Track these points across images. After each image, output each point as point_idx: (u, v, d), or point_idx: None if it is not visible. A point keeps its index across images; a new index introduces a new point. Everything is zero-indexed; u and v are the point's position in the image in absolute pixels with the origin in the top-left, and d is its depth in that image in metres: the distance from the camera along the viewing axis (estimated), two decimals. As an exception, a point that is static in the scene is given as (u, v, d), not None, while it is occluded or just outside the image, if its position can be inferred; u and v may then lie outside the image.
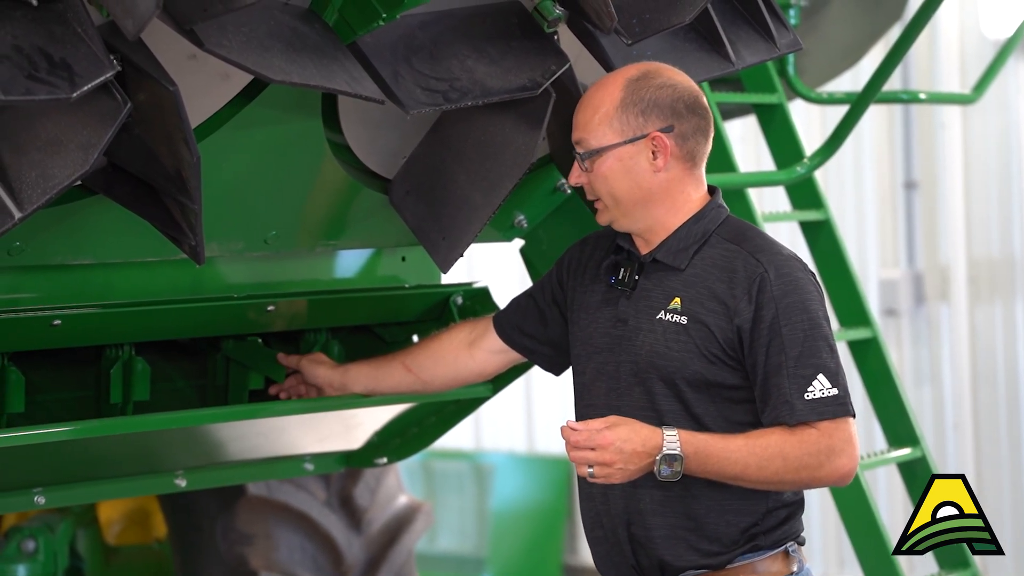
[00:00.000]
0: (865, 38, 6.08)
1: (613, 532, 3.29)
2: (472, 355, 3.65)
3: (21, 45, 2.62)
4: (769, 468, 3.13)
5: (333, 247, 3.90)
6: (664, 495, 3.22)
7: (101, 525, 5.78)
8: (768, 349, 3.16)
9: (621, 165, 3.24)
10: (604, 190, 3.27)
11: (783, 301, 3.18)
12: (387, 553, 5.45)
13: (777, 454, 3.13)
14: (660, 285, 3.27)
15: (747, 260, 3.22)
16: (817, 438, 3.14)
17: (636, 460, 3.09)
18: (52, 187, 2.71)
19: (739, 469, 3.13)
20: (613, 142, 3.23)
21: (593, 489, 3.31)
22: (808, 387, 3.14)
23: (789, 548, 3.27)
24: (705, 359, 3.19)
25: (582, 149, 3.27)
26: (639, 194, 3.26)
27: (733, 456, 3.12)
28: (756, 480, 3.15)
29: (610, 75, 3.30)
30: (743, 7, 3.56)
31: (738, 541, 3.23)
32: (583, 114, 3.27)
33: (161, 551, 5.80)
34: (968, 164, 8.85)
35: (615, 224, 3.32)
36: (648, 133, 3.23)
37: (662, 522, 3.23)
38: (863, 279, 7.82)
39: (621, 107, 3.23)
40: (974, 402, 8.87)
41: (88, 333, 3.62)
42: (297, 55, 2.90)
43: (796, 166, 4.94)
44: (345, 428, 4.29)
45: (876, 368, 5.05)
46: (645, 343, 3.24)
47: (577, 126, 3.28)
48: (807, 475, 3.16)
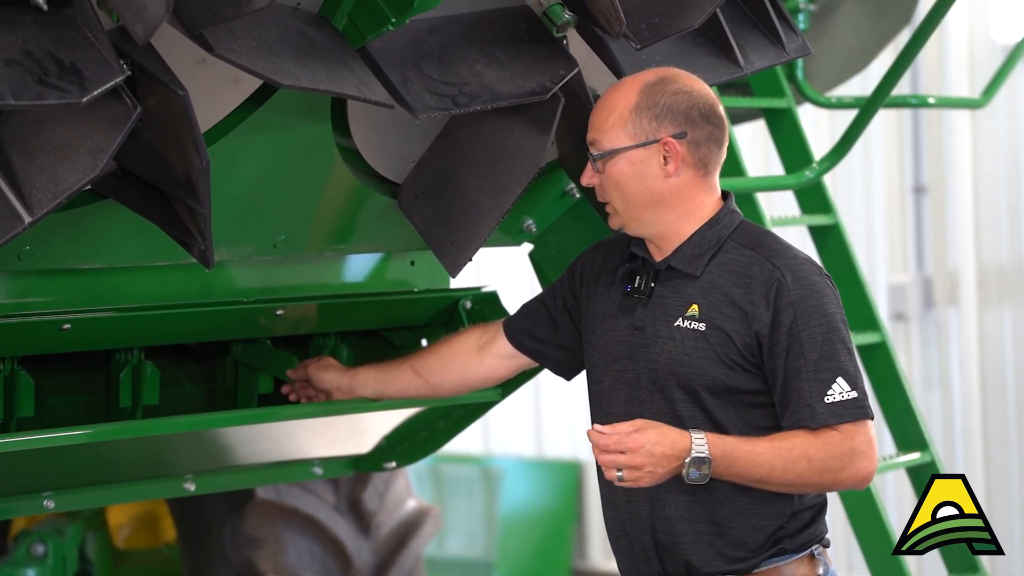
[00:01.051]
0: (874, 42, 6.08)
1: (638, 539, 3.29)
2: (482, 360, 3.65)
3: (31, 50, 2.62)
4: (794, 470, 3.13)
5: (342, 251, 3.90)
6: (690, 500, 3.22)
7: (110, 529, 5.78)
8: (787, 353, 3.17)
9: (632, 168, 3.24)
10: (614, 193, 3.27)
11: (801, 305, 3.18)
12: (396, 557, 5.44)
13: (802, 456, 3.13)
14: (676, 292, 3.27)
15: (763, 265, 3.23)
16: (840, 440, 3.15)
17: (665, 463, 3.08)
18: (62, 191, 2.71)
19: (765, 472, 3.13)
20: (625, 145, 3.24)
21: (617, 497, 3.31)
22: (828, 390, 3.15)
23: (814, 551, 3.28)
24: (725, 365, 3.20)
25: (595, 150, 3.27)
26: (648, 198, 3.26)
27: (759, 459, 3.13)
28: (781, 483, 3.15)
29: (628, 78, 3.30)
30: (752, 11, 3.56)
31: (764, 545, 3.23)
32: (598, 115, 3.28)
33: (170, 555, 5.80)
34: (977, 168, 8.84)
35: (626, 228, 3.32)
36: (660, 138, 3.23)
37: (688, 527, 3.23)
38: (872, 283, 7.82)
39: (635, 111, 3.23)
40: (983, 407, 8.85)
41: (98, 337, 3.62)
42: (306, 60, 2.91)
43: (805, 170, 4.94)
44: (354, 432, 4.29)
45: (885, 372, 5.04)
46: (664, 350, 3.24)
47: (592, 127, 3.29)
48: (830, 478, 3.16)
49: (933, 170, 9.05)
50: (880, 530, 4.75)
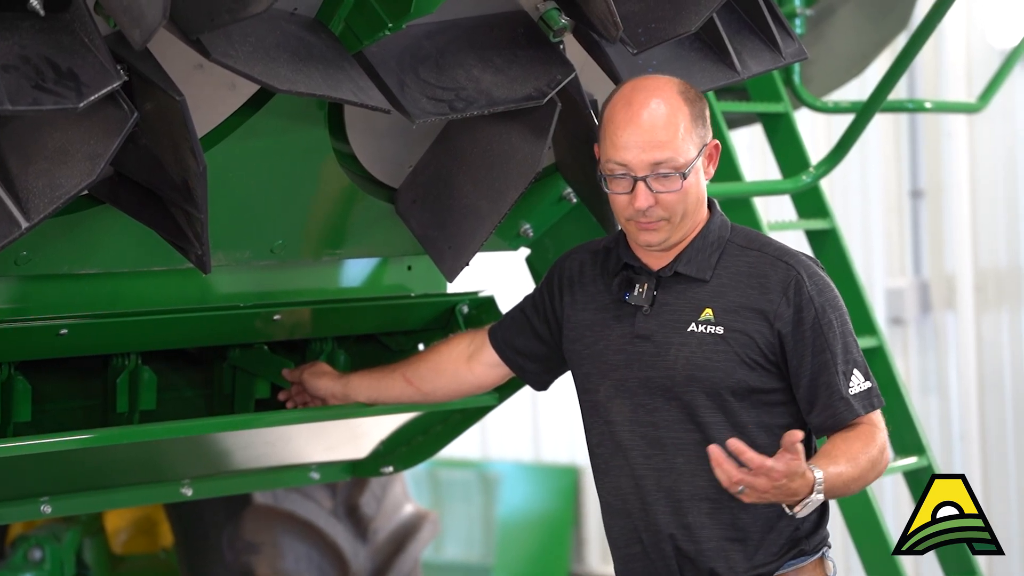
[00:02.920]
0: (871, 47, 6.08)
1: (656, 547, 3.27)
2: (471, 368, 3.64)
3: (28, 55, 2.62)
4: (866, 478, 3.17)
5: (339, 256, 3.90)
6: (712, 507, 3.22)
7: (108, 534, 5.78)
8: (813, 348, 3.19)
9: (696, 178, 3.22)
10: (682, 206, 3.21)
11: (819, 300, 3.21)
12: (393, 562, 5.45)
13: (867, 460, 3.16)
14: (684, 297, 3.26)
15: (775, 264, 3.24)
16: (874, 432, 3.20)
17: (785, 496, 3.05)
18: (59, 197, 2.71)
19: (852, 489, 3.16)
20: (695, 155, 3.20)
21: (629, 505, 3.29)
22: (850, 382, 3.19)
23: (825, 552, 3.30)
24: (747, 366, 3.20)
25: (667, 168, 3.16)
26: (698, 204, 3.26)
27: (844, 478, 3.12)
28: (855, 491, 3.19)
29: (657, 90, 3.20)
30: (748, 16, 3.56)
31: (784, 547, 3.24)
32: (663, 132, 3.16)
33: (167, 560, 5.80)
34: (974, 173, 8.84)
35: (667, 242, 3.24)
36: (709, 142, 3.24)
37: (711, 535, 3.23)
38: (869, 288, 7.82)
39: (693, 120, 3.20)
40: (980, 411, 8.85)
41: (95, 342, 3.62)
42: (303, 65, 2.91)
43: (802, 175, 4.95)
44: (351, 437, 4.29)
45: (882, 377, 5.04)
46: (680, 357, 3.22)
47: (656, 145, 3.16)
48: (875, 473, 3.19)
49: (930, 174, 9.05)
50: (877, 533, 4.75)
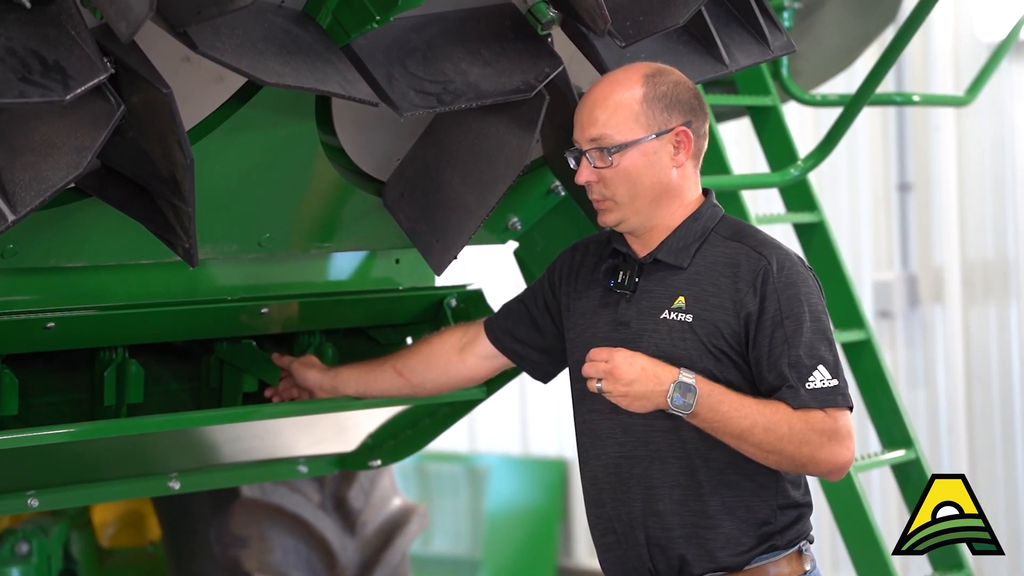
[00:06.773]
0: (859, 40, 6.08)
1: (628, 536, 3.28)
2: (463, 360, 3.64)
3: (14, 47, 2.61)
4: (775, 432, 3.13)
5: (327, 249, 3.90)
6: (683, 494, 3.22)
7: (95, 527, 5.77)
8: (771, 339, 3.18)
9: (645, 160, 3.23)
10: (622, 187, 3.24)
11: (785, 293, 3.20)
12: (381, 555, 5.44)
13: (784, 421, 3.14)
14: (662, 285, 3.27)
15: (750, 254, 3.24)
16: (823, 419, 3.16)
17: (644, 381, 3.11)
18: (46, 189, 2.70)
19: (747, 424, 3.13)
20: (640, 136, 3.22)
21: (603, 494, 3.30)
22: (809, 377, 3.16)
23: (803, 547, 3.29)
24: (712, 356, 3.20)
25: (604, 144, 3.23)
26: (657, 190, 3.26)
27: (743, 410, 3.14)
28: (759, 442, 3.14)
29: (620, 72, 3.27)
30: (737, 9, 3.56)
31: (755, 540, 3.24)
32: (601, 110, 3.23)
33: (155, 553, 5.79)
34: (962, 166, 8.85)
35: (624, 223, 3.29)
36: (673, 128, 3.23)
37: (680, 522, 3.23)
38: (857, 281, 7.82)
39: (645, 101, 3.22)
40: (968, 404, 8.86)
41: (82, 336, 3.61)
42: (291, 57, 2.90)
43: (790, 168, 4.95)
44: (339, 430, 4.29)
45: (870, 370, 5.05)
46: (651, 344, 3.23)
47: (595, 122, 3.23)
48: (808, 452, 3.15)
49: (918, 167, 9.06)
50: (865, 527, 4.75)
